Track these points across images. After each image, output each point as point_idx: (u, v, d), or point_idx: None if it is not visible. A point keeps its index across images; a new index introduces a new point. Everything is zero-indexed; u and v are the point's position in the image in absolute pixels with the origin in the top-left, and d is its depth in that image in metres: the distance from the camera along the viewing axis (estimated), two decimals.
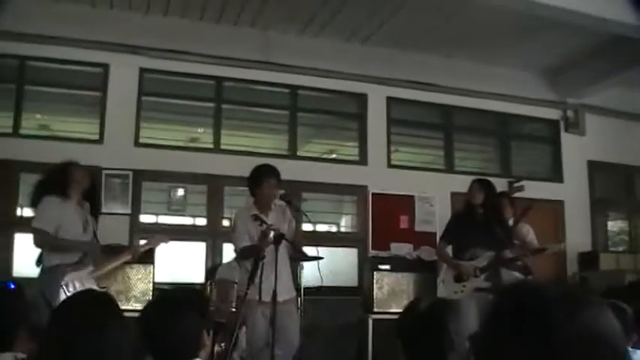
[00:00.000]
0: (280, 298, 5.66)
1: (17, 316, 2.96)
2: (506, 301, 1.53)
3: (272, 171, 6.19)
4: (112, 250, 6.11)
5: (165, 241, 6.11)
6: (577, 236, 10.24)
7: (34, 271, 5.49)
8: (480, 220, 6.87)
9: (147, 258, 7.22)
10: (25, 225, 6.94)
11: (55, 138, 8.45)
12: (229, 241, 7.10)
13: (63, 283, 5.10)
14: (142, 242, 5.86)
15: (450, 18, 8.71)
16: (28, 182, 7.72)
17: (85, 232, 5.53)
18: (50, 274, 5.16)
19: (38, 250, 5.54)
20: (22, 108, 8.40)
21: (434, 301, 3.03)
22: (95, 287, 5.21)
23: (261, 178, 6.14)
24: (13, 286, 3.28)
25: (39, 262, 5.38)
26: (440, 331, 2.75)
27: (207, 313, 2.86)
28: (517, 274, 7.12)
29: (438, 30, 9.09)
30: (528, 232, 7.57)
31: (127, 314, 2.62)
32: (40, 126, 8.90)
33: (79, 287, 5.11)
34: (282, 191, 6.12)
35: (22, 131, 8.34)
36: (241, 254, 6.09)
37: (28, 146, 8.08)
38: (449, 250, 7.27)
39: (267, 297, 5.78)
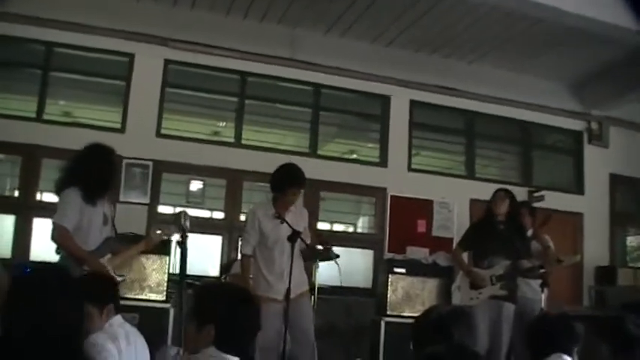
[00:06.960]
0: (292, 294, 5.61)
1: None
2: None
3: (299, 179, 5.89)
4: (129, 240, 6.05)
5: (179, 232, 6.01)
6: (595, 250, 10.14)
7: (51, 256, 5.47)
8: (499, 229, 6.82)
9: (163, 249, 7.21)
10: (44, 210, 7.01)
11: (77, 125, 8.48)
12: None
13: (83, 270, 5.06)
14: (158, 232, 5.77)
15: (476, 24, 8.68)
16: (49, 167, 7.79)
17: (106, 225, 5.46)
18: (69, 261, 5.13)
19: None
20: (47, 94, 8.44)
21: (446, 309, 3.07)
22: (114, 275, 5.19)
23: (288, 185, 5.86)
24: (28, 271, 3.30)
25: (59, 249, 5.34)
26: (445, 338, 2.79)
27: None
28: (534, 284, 7.09)
29: (463, 36, 9.07)
30: (548, 241, 7.50)
31: (141, 304, 2.62)
32: (64, 112, 8.94)
33: None
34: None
35: (46, 117, 8.39)
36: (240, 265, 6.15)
37: (50, 132, 8.13)
38: (465, 257, 7.23)
39: (278, 294, 5.77)
